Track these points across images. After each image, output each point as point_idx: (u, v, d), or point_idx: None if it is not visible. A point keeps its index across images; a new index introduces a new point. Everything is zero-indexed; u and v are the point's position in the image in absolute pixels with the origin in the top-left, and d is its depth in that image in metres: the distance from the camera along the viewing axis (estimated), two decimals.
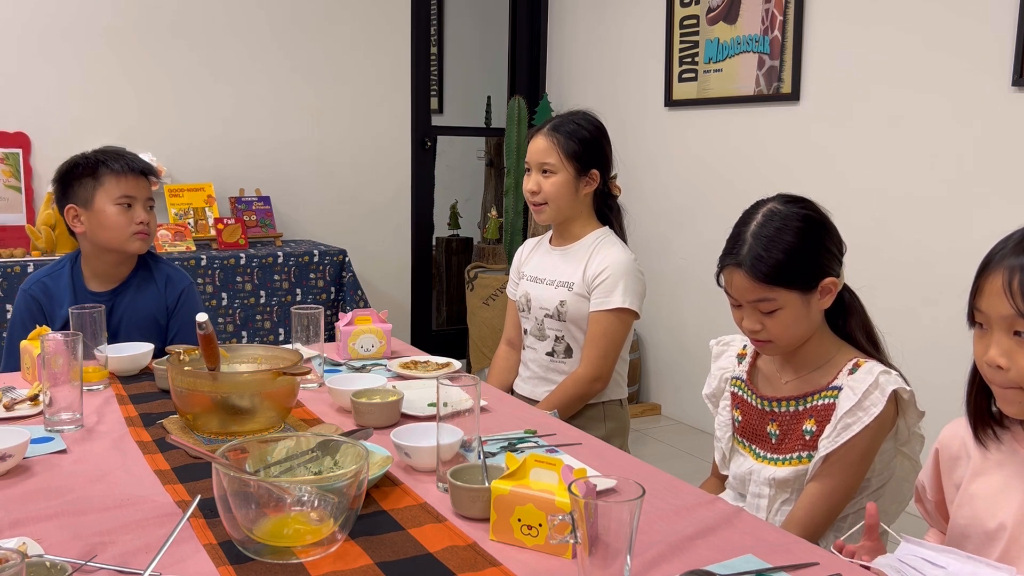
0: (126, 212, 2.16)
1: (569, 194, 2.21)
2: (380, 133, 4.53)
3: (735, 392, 1.68)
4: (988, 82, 2.82)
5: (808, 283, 1.48)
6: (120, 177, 2.16)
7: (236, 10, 4.09)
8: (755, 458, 1.61)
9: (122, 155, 2.21)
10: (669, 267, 4.11)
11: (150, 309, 2.24)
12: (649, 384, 4.37)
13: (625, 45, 4.37)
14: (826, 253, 1.50)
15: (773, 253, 1.46)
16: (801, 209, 1.51)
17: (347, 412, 1.70)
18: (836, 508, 1.49)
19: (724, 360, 1.74)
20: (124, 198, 2.15)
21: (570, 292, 2.21)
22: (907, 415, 1.48)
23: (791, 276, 1.47)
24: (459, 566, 1.10)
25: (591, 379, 2.17)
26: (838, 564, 1.14)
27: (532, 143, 2.24)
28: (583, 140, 2.19)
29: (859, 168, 3.27)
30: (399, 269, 4.69)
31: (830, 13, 3.34)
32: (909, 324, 3.06)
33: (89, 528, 1.18)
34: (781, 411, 1.57)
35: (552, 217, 2.24)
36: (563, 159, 2.18)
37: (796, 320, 1.49)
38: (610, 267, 2.16)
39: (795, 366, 1.58)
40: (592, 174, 2.22)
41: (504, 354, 2.43)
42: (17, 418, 1.63)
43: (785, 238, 1.47)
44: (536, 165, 2.21)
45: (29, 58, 3.72)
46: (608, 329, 2.16)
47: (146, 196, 2.21)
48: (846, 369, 1.50)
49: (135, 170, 2.19)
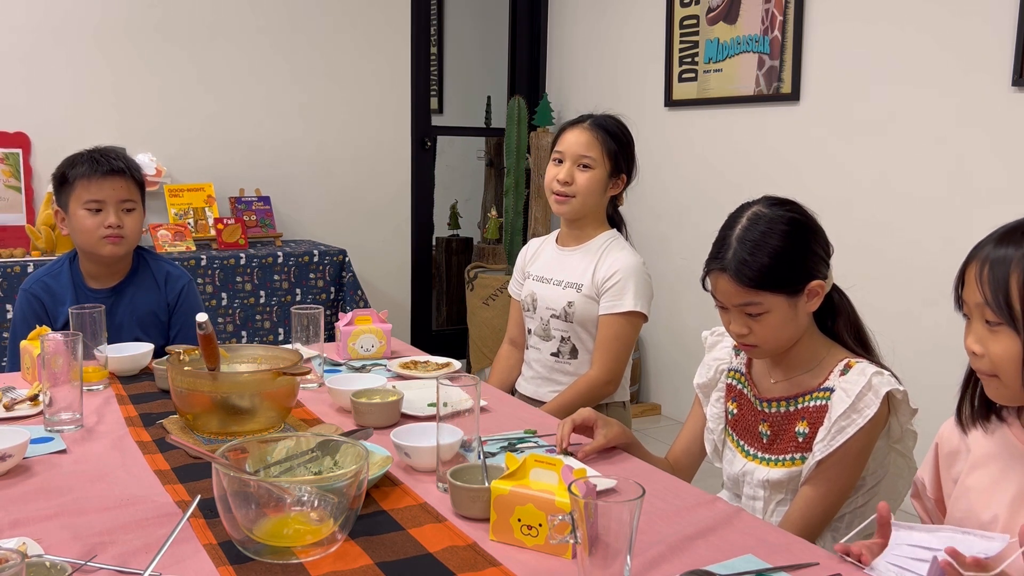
0: (94, 216, 2.12)
1: (599, 191, 2.20)
2: (380, 133, 4.53)
3: (732, 384, 1.67)
4: (988, 82, 2.82)
5: (794, 286, 1.47)
6: (88, 181, 2.12)
7: (237, 10, 4.09)
8: (745, 456, 1.61)
9: (97, 157, 2.14)
10: (669, 267, 4.11)
11: (151, 306, 2.24)
12: (649, 384, 4.36)
13: (625, 45, 4.36)
14: (812, 256, 1.49)
15: (758, 257, 1.45)
16: (787, 212, 1.50)
17: (347, 412, 1.70)
18: (832, 510, 1.49)
19: (719, 351, 1.73)
20: (92, 203, 2.12)
21: (579, 293, 2.20)
22: (899, 414, 1.48)
23: (777, 280, 1.45)
24: (459, 566, 1.10)
25: (604, 382, 2.17)
26: (838, 564, 1.14)
27: (569, 134, 2.21)
28: (621, 142, 2.21)
29: (859, 168, 3.27)
30: (399, 269, 4.68)
31: (830, 13, 3.34)
32: (909, 324, 3.06)
33: (89, 528, 1.18)
34: (772, 412, 1.57)
35: (575, 211, 2.22)
36: (604, 155, 2.18)
37: (783, 323, 1.48)
38: (621, 270, 2.16)
39: (785, 368, 1.57)
40: (621, 178, 2.23)
41: (506, 353, 2.43)
42: (17, 418, 1.63)
43: (770, 242, 1.45)
44: (573, 157, 2.19)
45: (30, 58, 3.72)
46: (620, 332, 2.16)
47: (120, 198, 2.14)
48: (837, 370, 1.50)
49: (104, 172, 2.12)
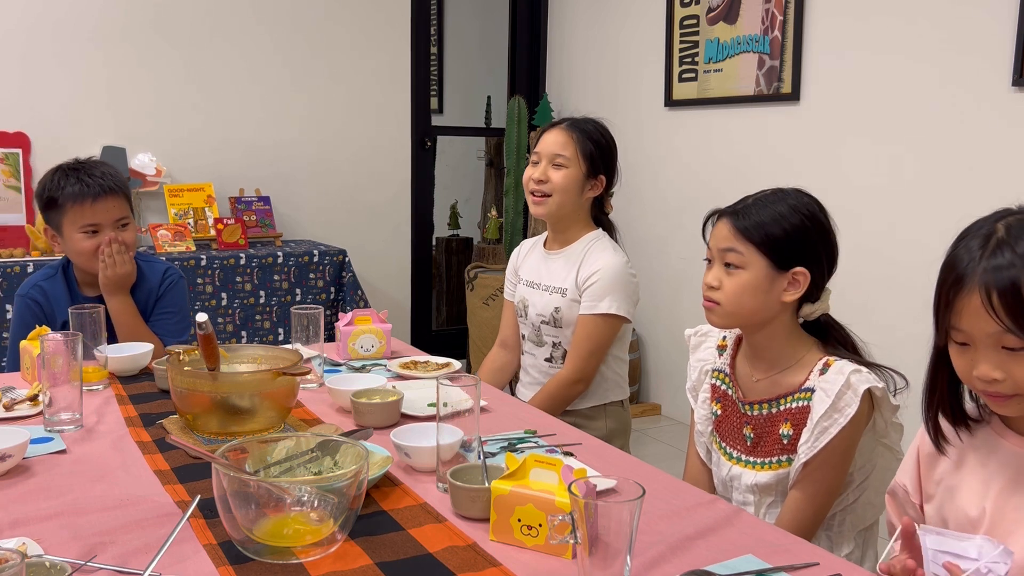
0: (92, 238, 2.11)
1: (575, 191, 2.20)
2: (380, 133, 4.53)
3: (716, 385, 1.67)
4: (988, 82, 2.82)
5: (781, 258, 1.49)
6: (81, 205, 2.09)
7: (237, 10, 4.09)
8: (730, 460, 1.60)
9: (85, 179, 2.10)
10: (668, 267, 4.11)
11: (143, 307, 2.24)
12: (649, 384, 4.36)
13: (625, 45, 4.36)
14: (811, 246, 1.51)
15: (761, 213, 1.50)
16: (812, 202, 1.54)
17: (347, 412, 1.70)
18: (822, 510, 1.50)
19: (703, 352, 1.72)
20: (88, 227, 2.10)
21: (564, 298, 2.20)
22: (883, 410, 1.48)
23: (768, 241, 1.49)
24: (459, 566, 1.10)
25: (572, 381, 2.17)
26: (838, 564, 1.14)
27: (547, 135, 2.23)
28: (598, 143, 2.21)
29: (859, 168, 3.27)
30: (399, 269, 4.68)
31: (830, 13, 3.34)
32: (908, 323, 3.06)
33: (89, 528, 1.18)
34: (754, 414, 1.57)
35: (551, 211, 2.22)
36: (578, 155, 2.18)
37: (753, 289, 1.49)
38: (601, 271, 2.15)
39: (765, 364, 1.57)
40: (599, 179, 2.22)
41: (493, 356, 2.42)
42: (17, 418, 1.63)
43: (779, 209, 1.51)
44: (548, 156, 2.20)
45: (30, 58, 3.72)
46: (593, 332, 2.16)
47: (115, 217, 2.12)
48: (817, 369, 1.50)
49: (96, 195, 2.10)
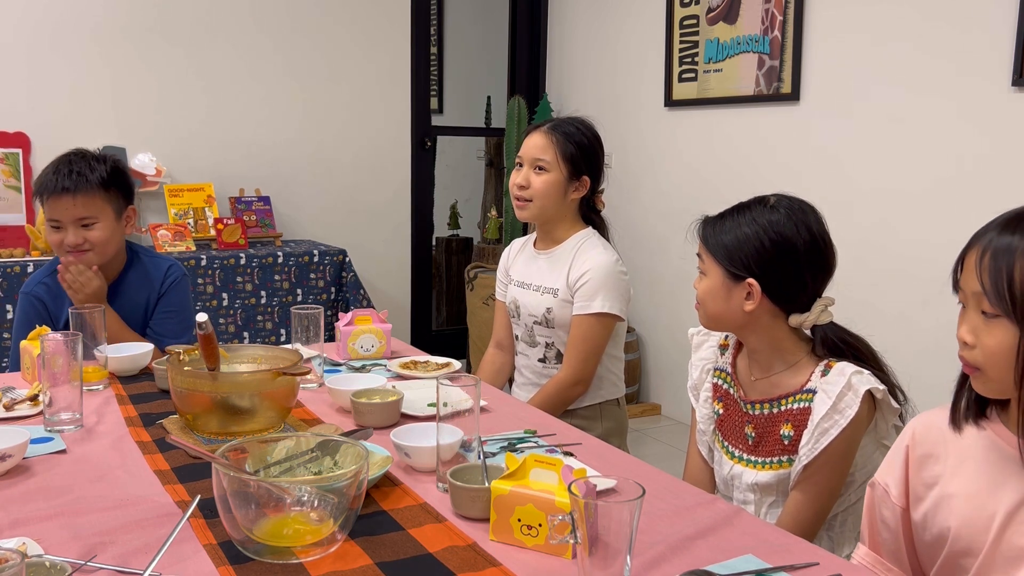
0: (56, 233, 2.10)
1: (557, 195, 2.19)
2: (380, 133, 4.53)
3: (718, 384, 1.68)
4: (988, 82, 2.82)
5: (732, 268, 1.51)
6: (48, 198, 2.08)
7: (237, 10, 4.09)
8: (731, 458, 1.61)
9: (60, 169, 2.07)
10: (668, 267, 4.11)
11: (143, 302, 2.25)
12: (649, 384, 4.36)
13: (625, 45, 4.36)
14: (763, 259, 1.48)
15: (724, 224, 1.54)
16: (781, 219, 1.49)
17: (347, 412, 1.70)
18: (823, 512, 1.50)
19: (705, 350, 1.73)
20: (51, 221, 2.10)
21: (555, 298, 2.20)
22: (885, 411, 1.48)
23: (719, 249, 1.53)
24: (459, 566, 1.10)
25: (572, 383, 2.16)
26: (838, 564, 1.14)
27: (529, 139, 2.22)
28: (580, 144, 2.18)
29: (859, 168, 3.27)
30: (399, 269, 4.69)
31: (830, 13, 3.34)
32: (908, 323, 3.06)
33: (89, 528, 1.18)
34: (756, 414, 1.57)
35: (533, 215, 2.22)
36: (559, 159, 2.17)
37: (714, 296, 1.55)
38: (592, 270, 2.14)
39: (760, 366, 1.58)
40: (583, 180, 2.20)
41: (491, 357, 2.41)
42: (17, 418, 1.63)
43: (739, 220, 1.52)
44: (529, 161, 2.20)
45: (30, 58, 3.72)
46: (588, 333, 2.15)
47: (75, 217, 2.07)
48: (818, 371, 1.50)
49: (56, 190, 2.06)
